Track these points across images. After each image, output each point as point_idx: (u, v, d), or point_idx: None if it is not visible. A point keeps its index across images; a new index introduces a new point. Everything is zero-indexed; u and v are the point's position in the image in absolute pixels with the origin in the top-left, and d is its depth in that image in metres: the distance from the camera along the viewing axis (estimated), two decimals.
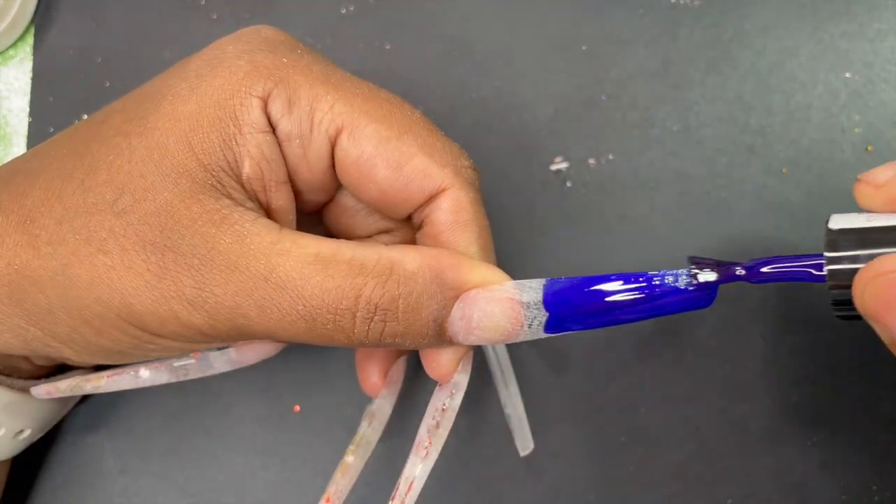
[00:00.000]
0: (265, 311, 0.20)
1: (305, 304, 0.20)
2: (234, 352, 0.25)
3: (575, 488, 0.29)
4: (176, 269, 0.20)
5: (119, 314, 0.21)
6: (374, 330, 0.21)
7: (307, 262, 0.20)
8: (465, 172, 0.23)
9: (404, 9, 0.34)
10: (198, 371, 0.25)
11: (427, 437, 0.23)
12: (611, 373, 0.30)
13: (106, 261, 0.21)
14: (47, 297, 0.21)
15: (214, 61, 0.22)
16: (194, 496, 0.30)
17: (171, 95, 0.22)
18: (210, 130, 0.21)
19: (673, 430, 0.30)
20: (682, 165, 0.32)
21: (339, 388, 0.30)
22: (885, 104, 0.32)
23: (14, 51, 0.35)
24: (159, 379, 0.25)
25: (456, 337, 0.21)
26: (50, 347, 0.23)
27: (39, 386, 0.26)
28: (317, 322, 0.20)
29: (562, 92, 0.33)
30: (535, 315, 0.21)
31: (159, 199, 0.21)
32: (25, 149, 0.34)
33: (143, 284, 0.20)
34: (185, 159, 0.21)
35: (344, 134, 0.22)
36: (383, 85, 0.24)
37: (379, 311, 0.20)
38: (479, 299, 0.21)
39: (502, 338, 0.21)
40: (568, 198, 0.32)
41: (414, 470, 0.23)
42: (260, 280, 0.20)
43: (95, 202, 0.21)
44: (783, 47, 0.33)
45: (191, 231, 0.20)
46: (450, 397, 0.23)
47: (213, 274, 0.20)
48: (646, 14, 0.33)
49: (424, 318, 0.21)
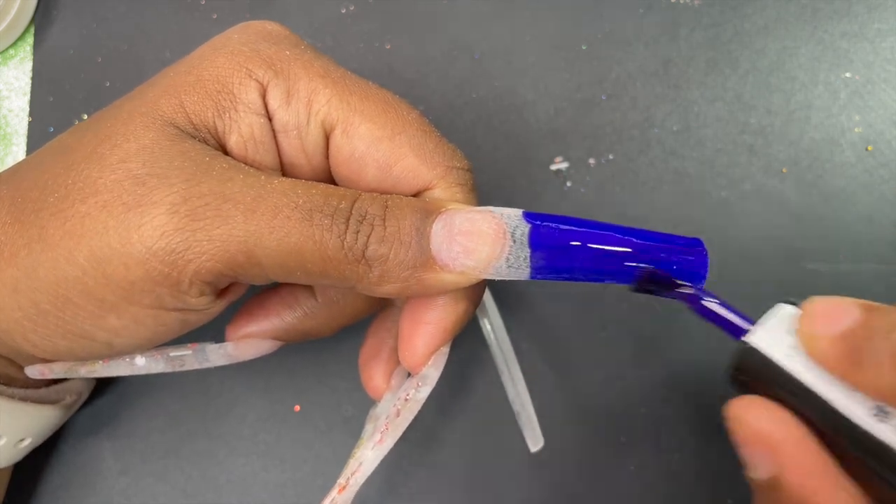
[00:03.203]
0: (254, 212, 0.19)
1: (306, 200, 0.20)
2: (230, 346, 0.25)
3: (575, 488, 0.29)
4: (156, 191, 0.19)
5: (83, 269, 0.20)
6: (364, 232, 0.20)
7: (309, 181, 0.21)
8: (456, 174, 0.23)
9: (404, 9, 0.34)
10: (194, 362, 0.25)
11: (385, 424, 0.23)
12: (611, 373, 0.30)
13: (80, 208, 0.20)
14: (16, 269, 0.21)
15: (218, 45, 0.23)
16: (195, 496, 0.30)
17: (172, 72, 0.22)
18: (205, 97, 0.21)
19: (673, 430, 0.30)
20: (682, 165, 0.32)
21: (339, 388, 0.30)
22: (885, 104, 0.32)
23: (14, 51, 0.35)
24: (155, 367, 0.25)
25: (440, 251, 0.21)
26: (9, 336, 0.22)
27: (34, 366, 0.25)
28: (314, 215, 0.20)
29: (562, 92, 0.33)
30: (516, 225, 0.21)
31: (143, 140, 0.20)
32: (25, 148, 0.34)
33: (112, 222, 0.19)
34: (173, 112, 0.21)
35: (338, 130, 0.22)
36: (383, 84, 0.24)
37: (369, 215, 0.21)
38: (461, 209, 0.21)
39: (486, 245, 0.21)
40: (568, 198, 0.32)
41: (365, 453, 0.23)
42: (256, 186, 0.20)
43: (76, 158, 0.21)
44: (783, 47, 0.33)
45: (181, 157, 0.20)
46: (415, 389, 0.23)
47: (198, 187, 0.19)
48: (646, 14, 0.33)
49: (408, 226, 0.21)
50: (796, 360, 0.19)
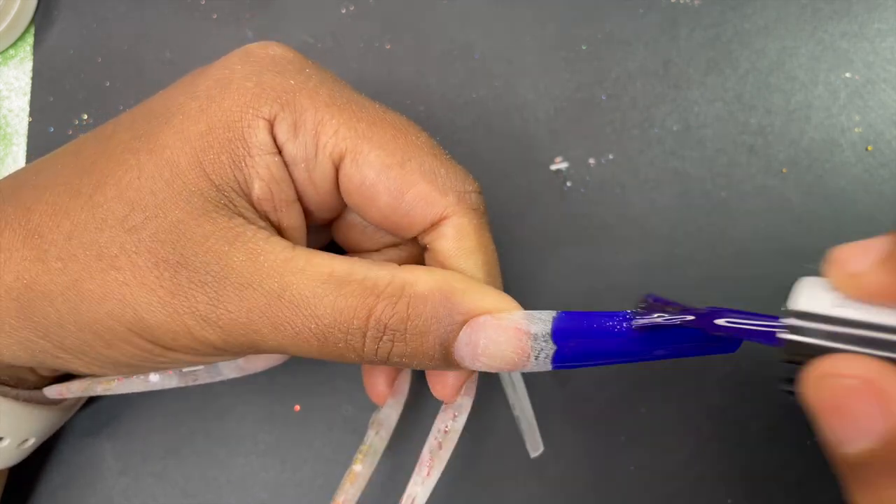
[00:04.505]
0: (278, 329, 0.21)
1: (318, 323, 0.20)
2: (242, 360, 0.25)
3: (576, 488, 0.29)
4: (189, 286, 0.20)
5: (131, 328, 0.21)
6: (383, 349, 0.21)
7: (321, 280, 0.20)
8: (469, 198, 0.23)
9: (404, 9, 0.34)
10: (206, 377, 0.25)
11: (429, 458, 0.24)
12: (611, 373, 0.30)
13: (118, 276, 0.21)
14: (57, 310, 0.21)
15: (224, 81, 0.22)
16: (195, 496, 0.30)
17: (180, 114, 0.22)
18: (220, 151, 0.21)
19: (673, 430, 0.30)
20: (682, 165, 0.32)
21: (339, 388, 0.30)
22: (885, 104, 0.32)
23: (14, 51, 0.35)
24: (169, 383, 0.25)
25: (462, 361, 0.21)
26: (59, 359, 0.23)
27: (52, 387, 0.26)
28: (328, 340, 0.20)
29: (562, 92, 0.33)
30: (542, 347, 0.20)
31: (170, 217, 0.21)
32: (25, 149, 0.34)
33: (155, 300, 0.21)
34: (196, 178, 0.21)
35: (347, 159, 0.22)
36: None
37: (388, 331, 0.20)
38: (486, 326, 0.20)
39: (508, 367, 0.21)
40: (568, 198, 0.32)
41: (415, 489, 0.23)
42: (273, 298, 0.20)
43: (105, 218, 0.21)
44: (783, 47, 0.33)
45: (203, 248, 0.21)
46: (453, 419, 0.24)
47: (226, 291, 0.20)
48: (646, 14, 0.33)
49: (431, 341, 0.21)
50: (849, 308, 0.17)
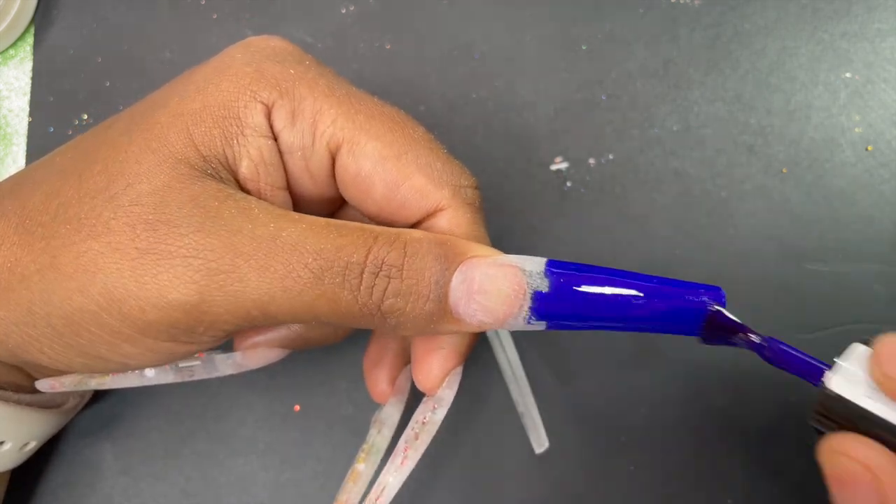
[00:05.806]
0: (266, 270, 0.20)
1: (316, 258, 0.20)
2: (239, 355, 0.25)
3: (576, 488, 0.29)
4: (167, 238, 0.20)
5: (99, 304, 0.20)
6: (379, 287, 0.20)
7: (320, 226, 0.20)
8: (464, 193, 0.23)
9: (404, 9, 0.34)
10: (202, 372, 0.25)
11: (404, 447, 0.23)
12: (611, 373, 0.30)
13: (93, 245, 0.20)
14: (30, 292, 0.21)
15: (222, 66, 0.22)
16: (195, 496, 0.30)
17: (177, 97, 0.22)
18: (212, 126, 0.21)
19: (673, 430, 0.30)
20: (682, 165, 0.32)
21: (339, 388, 0.30)
22: (885, 104, 0.32)
23: (14, 51, 0.35)
24: (164, 378, 0.25)
25: (457, 305, 0.21)
26: (24, 351, 0.22)
27: (44, 380, 0.26)
28: (325, 276, 0.20)
29: (562, 92, 0.33)
30: (537, 283, 0.20)
31: (155, 181, 0.20)
32: (25, 149, 0.34)
33: (126, 264, 0.20)
34: (184, 148, 0.21)
35: (344, 149, 0.22)
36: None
37: (385, 266, 0.20)
38: (481, 263, 0.21)
39: (504, 306, 0.21)
40: (568, 198, 0.32)
41: (387, 478, 0.23)
42: (265, 241, 0.20)
43: (88, 190, 0.21)
44: (783, 47, 0.33)
45: (190, 204, 0.20)
46: (432, 411, 0.23)
47: (209, 238, 0.20)
48: (646, 14, 0.33)
49: (427, 278, 0.20)
50: (879, 400, 0.19)
